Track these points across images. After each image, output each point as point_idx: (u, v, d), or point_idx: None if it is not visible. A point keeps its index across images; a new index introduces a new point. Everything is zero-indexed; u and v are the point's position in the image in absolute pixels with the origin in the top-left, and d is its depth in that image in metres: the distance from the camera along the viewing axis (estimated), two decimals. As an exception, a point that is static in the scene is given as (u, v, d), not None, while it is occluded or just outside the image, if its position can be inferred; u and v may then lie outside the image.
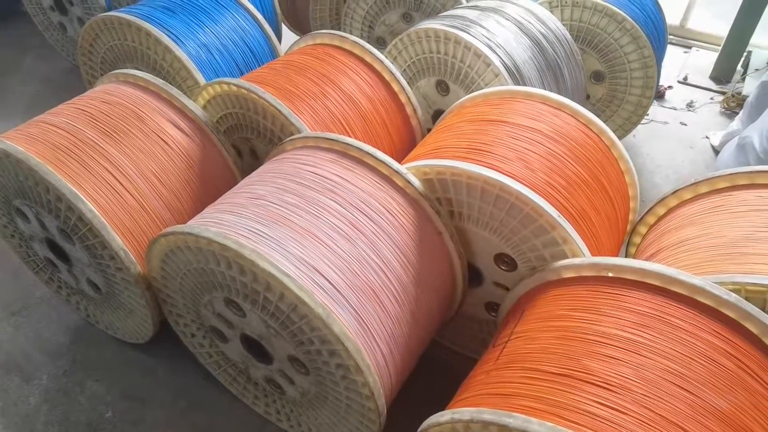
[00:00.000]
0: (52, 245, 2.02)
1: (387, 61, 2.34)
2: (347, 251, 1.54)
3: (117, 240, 1.74)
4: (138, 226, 1.81)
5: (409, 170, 1.78)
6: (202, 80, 2.53)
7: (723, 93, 3.89)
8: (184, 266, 1.67)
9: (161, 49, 2.51)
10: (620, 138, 3.16)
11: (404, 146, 2.39)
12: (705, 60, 4.31)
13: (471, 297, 2.00)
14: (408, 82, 2.65)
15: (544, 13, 2.67)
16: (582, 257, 1.63)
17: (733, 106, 3.75)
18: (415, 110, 2.39)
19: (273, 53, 2.87)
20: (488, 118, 1.97)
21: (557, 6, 2.87)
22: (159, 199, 1.87)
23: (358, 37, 3.52)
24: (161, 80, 2.05)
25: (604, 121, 3.15)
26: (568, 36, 2.67)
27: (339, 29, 3.81)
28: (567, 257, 1.68)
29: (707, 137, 3.54)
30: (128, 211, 1.80)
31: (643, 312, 1.35)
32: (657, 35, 2.94)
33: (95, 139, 1.85)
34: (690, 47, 4.51)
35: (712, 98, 3.91)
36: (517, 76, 2.40)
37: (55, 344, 2.26)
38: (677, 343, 1.29)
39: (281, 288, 1.42)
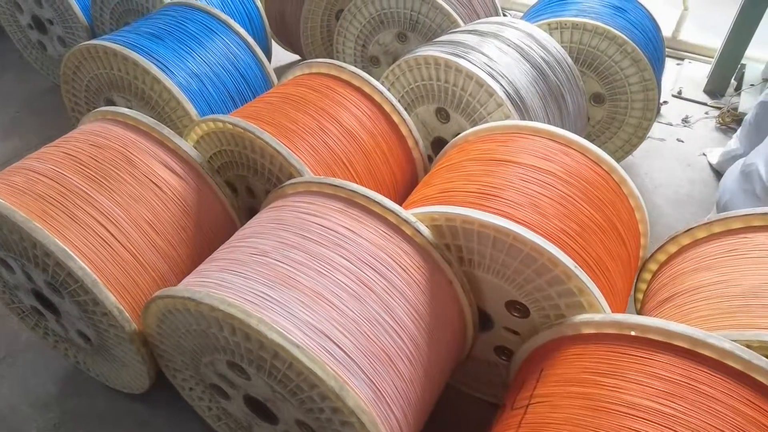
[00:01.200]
0: (39, 296, 1.91)
1: (387, 93, 2.26)
2: (358, 312, 1.46)
3: (110, 298, 1.64)
4: (132, 281, 1.71)
5: (417, 217, 1.71)
6: (192, 111, 2.42)
7: (718, 108, 3.88)
8: (183, 327, 1.58)
9: (149, 80, 2.40)
10: (619, 160, 3.13)
11: (406, 180, 2.31)
12: (698, 72, 4.29)
13: (480, 341, 1.94)
14: (405, 109, 2.58)
15: (545, 36, 2.61)
16: (601, 311, 1.57)
17: (728, 121, 3.74)
18: (417, 142, 2.31)
19: (266, 80, 2.78)
20: (496, 158, 1.90)
21: (556, 28, 2.81)
22: (154, 249, 1.77)
23: (351, 55, 3.45)
24: (152, 119, 1.95)
25: (604, 143, 3.13)
26: (570, 60, 2.61)
27: (331, 47, 3.72)
28: (583, 308, 1.62)
29: (704, 154, 3.52)
30: (121, 265, 1.70)
31: (671, 379, 1.30)
32: (656, 56, 2.90)
33: (84, 187, 1.74)
34: (683, 59, 4.50)
35: (707, 113, 3.90)
36: (520, 104, 2.34)
37: (43, 394, 2.15)
38: (708, 414, 1.23)
39: (290, 358, 1.34)
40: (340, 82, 2.30)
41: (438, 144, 2.69)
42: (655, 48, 2.92)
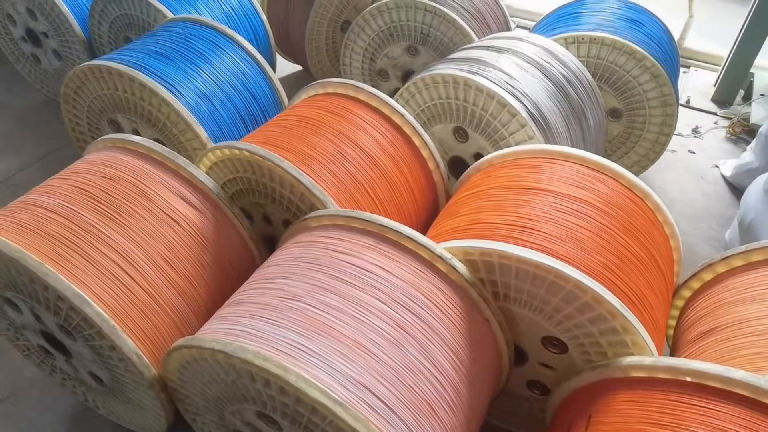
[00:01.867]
0: (49, 337, 1.81)
1: (408, 115, 2.17)
2: (397, 360, 1.38)
3: (129, 343, 1.54)
4: (151, 324, 1.62)
5: (450, 251, 1.63)
6: (203, 134, 2.33)
7: (728, 118, 3.84)
8: (209, 375, 1.48)
9: (157, 101, 2.30)
10: (636, 175, 3.07)
11: (427, 205, 2.23)
12: (705, 80, 4.26)
13: (512, 375, 1.87)
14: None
15: (563, 52, 2.54)
16: (647, 351, 1.51)
17: (738, 132, 3.70)
18: (438, 165, 2.23)
19: (276, 99, 2.68)
20: (527, 186, 1.83)
21: (573, 42, 2.75)
22: (172, 288, 1.68)
23: (358, 68, 3.36)
24: (165, 148, 1.85)
25: (619, 158, 3.07)
26: (589, 77, 2.55)
27: (336, 59, 3.63)
28: (627, 346, 1.55)
29: (717, 166, 3.48)
30: (140, 307, 1.60)
31: (734, 430, 1.23)
32: (673, 70, 2.85)
33: (98, 225, 1.64)
34: (688, 67, 4.47)
35: (716, 123, 3.86)
36: (543, 125, 2.27)
37: (51, 436, 2.05)
38: (777, 470, 1.17)
39: (331, 415, 1.25)
40: (357, 103, 2.22)
41: (455, 164, 2.61)
42: (671, 61, 2.87)
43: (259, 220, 2.15)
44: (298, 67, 4.19)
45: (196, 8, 2.99)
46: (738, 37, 3.80)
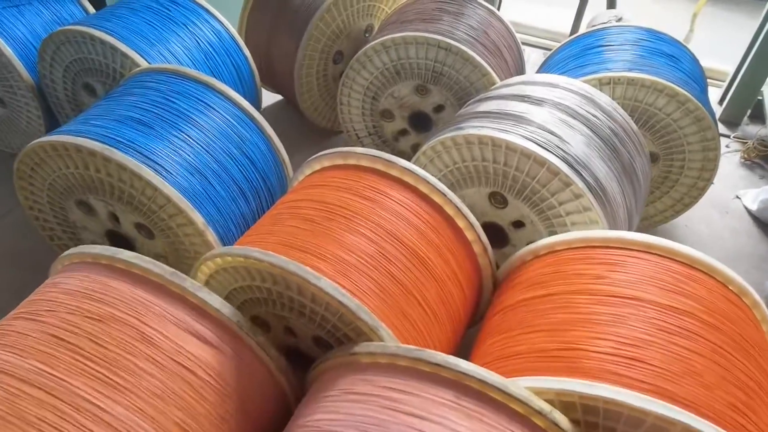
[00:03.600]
0: None
1: (449, 193, 1.84)
2: None
3: None
4: None
5: (541, 394, 1.32)
6: (197, 219, 1.92)
7: (742, 141, 3.67)
8: None
9: (141, 185, 1.87)
10: (667, 221, 2.84)
11: (475, 293, 1.91)
12: (711, 97, 4.08)
13: None
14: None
15: (607, 100, 2.25)
16: None
17: (753, 156, 3.54)
18: (485, 249, 1.91)
19: (276, 159, 2.29)
20: (615, 292, 1.53)
21: (608, 83, 2.46)
22: (192, 464, 1.30)
23: (358, 108, 2.99)
24: (166, 268, 1.46)
25: (652, 203, 2.83)
26: (635, 127, 2.27)
27: (327, 93, 3.25)
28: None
29: (738, 197, 3.30)
30: (155, 505, 1.22)
31: None
32: (710, 109, 2.61)
33: (89, 395, 1.24)
34: (690, 83, 4.28)
35: (727, 146, 3.69)
36: (600, 194, 1.98)
37: None
38: None
39: None
40: (388, 181, 1.86)
41: (491, 230, 2.29)
42: (707, 99, 2.63)
43: (279, 331, 1.77)
44: (279, 96, 3.76)
45: (169, 48, 2.54)
46: (749, 54, 3.62)
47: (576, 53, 2.75)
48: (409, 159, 3.09)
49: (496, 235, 2.30)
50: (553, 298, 1.61)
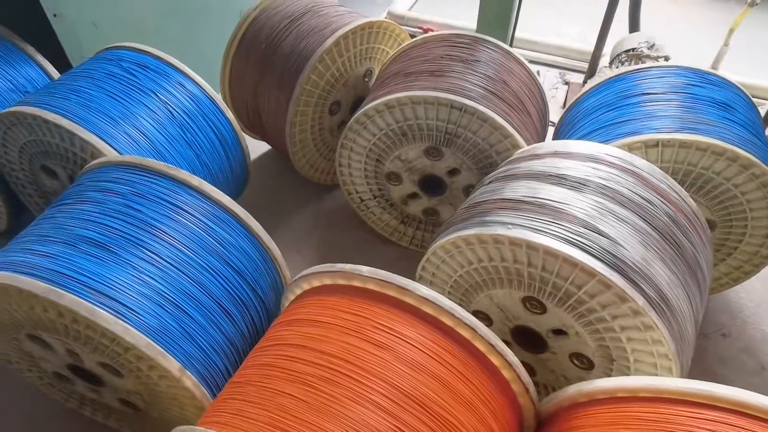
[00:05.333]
0: None
1: (482, 327, 1.47)
2: None
3: None
4: None
5: None
6: (172, 365, 1.57)
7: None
8: None
9: (99, 329, 1.52)
10: (723, 288, 2.47)
11: (515, 444, 1.55)
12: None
13: None
14: (470, 290, 1.85)
15: (659, 175, 1.87)
16: None
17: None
18: (527, 388, 1.54)
19: (267, 262, 1.93)
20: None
21: (655, 146, 2.08)
22: None
23: (359, 170, 2.62)
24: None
25: (705, 270, 2.44)
26: (694, 205, 1.89)
27: (324, 146, 2.88)
28: None
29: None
30: None
31: None
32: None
33: None
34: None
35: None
36: (665, 310, 1.61)
37: None
38: None
39: None
40: (403, 314, 1.49)
41: (522, 334, 1.94)
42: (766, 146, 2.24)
43: None
44: (266, 144, 3.38)
45: (137, 125, 2.17)
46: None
47: (610, 102, 2.36)
48: (420, 224, 2.76)
49: (531, 339, 1.94)
50: (625, 484, 1.25)
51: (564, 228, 1.66)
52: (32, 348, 1.81)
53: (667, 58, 3.02)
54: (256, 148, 3.38)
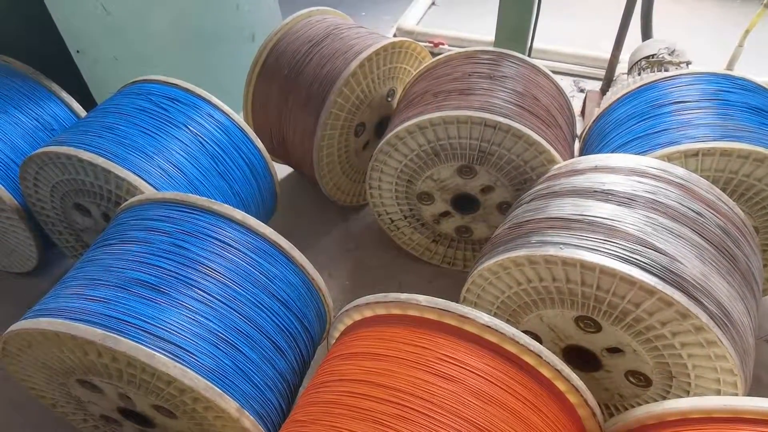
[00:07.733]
0: None
1: (547, 354, 1.44)
2: None
3: None
4: None
5: None
6: (230, 405, 1.54)
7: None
8: None
9: (156, 374, 1.49)
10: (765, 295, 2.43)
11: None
12: None
13: None
14: (517, 311, 1.83)
15: (705, 185, 1.85)
16: None
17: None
18: (594, 412, 1.51)
19: (312, 293, 1.91)
20: None
21: (694, 155, 2.06)
22: None
23: (389, 191, 2.60)
24: None
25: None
26: (741, 214, 1.87)
27: (352, 169, 2.87)
28: None
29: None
30: None
31: None
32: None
33: None
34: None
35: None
36: (728, 325, 1.58)
37: None
38: None
39: None
40: (465, 343, 1.47)
41: (574, 353, 1.91)
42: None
43: None
44: (288, 167, 3.37)
45: (171, 159, 2.16)
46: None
47: (640, 112, 2.34)
48: (452, 241, 2.73)
49: (584, 358, 1.92)
50: None
51: (619, 246, 1.64)
52: (81, 392, 1.78)
53: (688, 63, 3.00)
54: (279, 171, 3.37)
